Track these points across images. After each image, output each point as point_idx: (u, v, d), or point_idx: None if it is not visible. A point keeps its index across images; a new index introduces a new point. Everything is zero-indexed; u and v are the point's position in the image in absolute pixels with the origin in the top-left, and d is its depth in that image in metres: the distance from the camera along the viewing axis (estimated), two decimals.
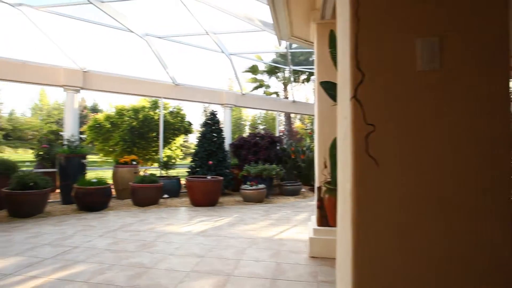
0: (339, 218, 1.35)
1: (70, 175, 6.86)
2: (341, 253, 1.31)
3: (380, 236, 1.09)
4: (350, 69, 1.08)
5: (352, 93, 1.08)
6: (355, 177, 1.07)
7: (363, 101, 1.07)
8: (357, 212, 1.07)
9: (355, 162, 1.07)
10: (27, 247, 4.09)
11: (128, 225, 5.27)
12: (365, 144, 1.06)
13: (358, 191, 1.07)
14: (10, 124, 35.00)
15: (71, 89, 7.93)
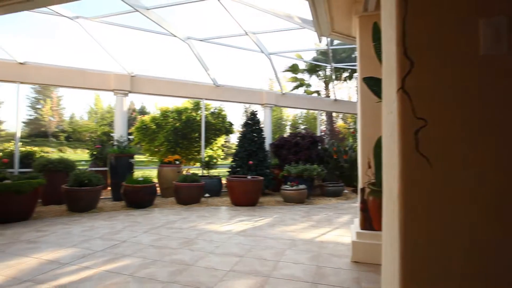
0: (384, 223, 1.23)
1: (119, 174, 7.28)
2: (387, 260, 1.19)
3: (432, 245, 0.96)
4: (396, 57, 0.97)
5: (399, 84, 0.96)
6: (403, 178, 0.95)
7: (412, 93, 0.95)
8: (406, 218, 0.95)
9: (403, 161, 0.95)
10: (82, 239, 4.39)
11: (171, 223, 5.45)
12: (415, 141, 0.94)
13: (407, 194, 0.95)
14: (71, 127, 38.37)
15: (120, 93, 8.44)
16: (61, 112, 39.71)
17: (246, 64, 61.32)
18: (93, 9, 7.44)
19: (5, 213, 5.33)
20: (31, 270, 3.32)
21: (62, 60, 64.44)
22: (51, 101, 37.80)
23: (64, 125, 38.51)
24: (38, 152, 9.20)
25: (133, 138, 11.93)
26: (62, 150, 29.08)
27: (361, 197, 3.63)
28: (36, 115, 38.57)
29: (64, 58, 60.10)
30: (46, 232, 4.78)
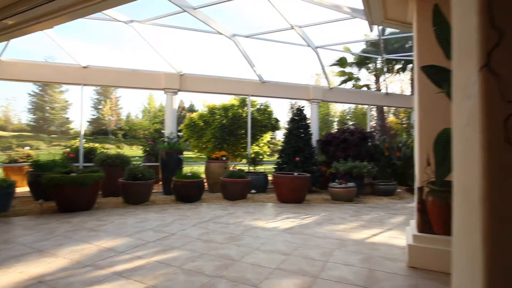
0: (455, 228, 1.06)
1: (169, 169, 7.60)
2: (461, 273, 1.01)
3: None
4: (478, 29, 0.79)
5: (481, 60, 0.79)
6: (487, 177, 0.78)
7: (501, 71, 0.77)
8: (492, 225, 0.78)
9: (487, 156, 0.78)
10: (136, 230, 4.64)
11: (218, 217, 5.54)
12: (504, 130, 0.77)
13: (494, 196, 0.78)
14: (127, 125, 41.31)
15: (170, 92, 8.80)
16: (119, 112, 42.92)
17: (292, 59, 60.59)
18: (145, 13, 7.82)
19: (72, 203, 5.85)
20: (92, 256, 3.57)
21: (119, 63, 69.64)
22: (110, 101, 40.99)
23: (121, 124, 41.58)
24: (99, 148, 9.98)
25: (182, 135, 12.42)
26: (119, 147, 31.42)
27: (418, 197, 3.32)
28: (98, 114, 42.16)
29: (120, 60, 64.98)
30: (105, 222, 5.13)
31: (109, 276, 3.03)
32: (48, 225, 4.95)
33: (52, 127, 40.45)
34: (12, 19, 3.60)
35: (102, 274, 3.07)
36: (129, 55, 61.51)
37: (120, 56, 61.47)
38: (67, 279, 2.97)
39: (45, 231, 4.59)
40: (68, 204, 5.85)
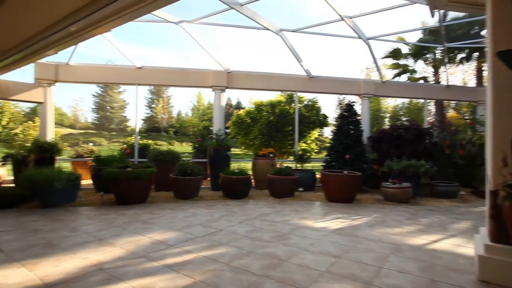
0: None
1: (217, 165, 7.74)
2: None
3: None
4: None
5: None
6: None
7: None
8: None
9: None
10: (185, 225, 4.77)
11: (265, 215, 5.49)
12: None
13: None
14: (178, 122, 43.31)
15: (218, 89, 8.95)
16: (170, 110, 45.19)
17: (341, 53, 58.76)
18: (193, 12, 8.01)
19: (127, 196, 6.22)
20: (145, 248, 3.73)
21: (170, 62, 72.99)
22: (162, 100, 43.30)
23: (173, 121, 43.74)
24: (152, 144, 10.53)
25: (230, 132, 12.62)
26: (171, 143, 33.08)
27: (491, 201, 2.93)
28: (151, 113, 44.85)
29: (171, 60, 68.27)
30: (157, 215, 5.36)
31: (160, 268, 3.12)
32: (107, 216, 5.31)
33: (112, 125, 43.97)
34: (75, 25, 3.87)
35: (154, 266, 3.17)
36: (179, 55, 64.45)
37: (171, 56, 64.71)
38: (123, 268, 3.12)
39: (104, 222, 4.92)
40: (124, 197, 6.23)
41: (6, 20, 3.86)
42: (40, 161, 7.04)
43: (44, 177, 5.64)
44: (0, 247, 3.76)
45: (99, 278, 2.90)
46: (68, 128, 38.48)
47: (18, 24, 4.01)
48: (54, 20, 3.83)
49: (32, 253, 3.55)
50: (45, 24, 3.96)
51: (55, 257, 3.44)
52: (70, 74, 8.44)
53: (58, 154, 7.68)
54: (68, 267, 3.16)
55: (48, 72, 8.17)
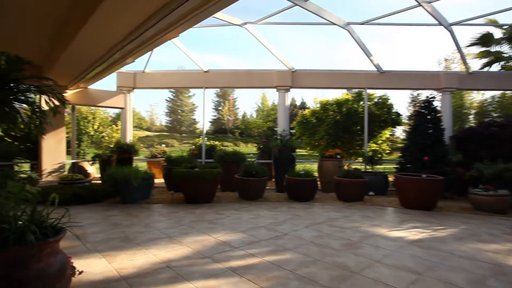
0: None
1: (282, 166, 7.60)
2: None
3: None
4: None
5: None
6: None
7: None
8: None
9: None
10: (250, 227, 4.72)
11: (333, 220, 5.16)
12: None
13: None
14: (243, 124, 44.48)
15: (282, 89, 8.82)
16: (236, 112, 46.68)
17: (414, 44, 53.89)
18: (257, 13, 8.01)
19: (195, 196, 6.45)
20: (210, 248, 3.75)
21: (235, 65, 75.49)
22: (228, 103, 44.94)
23: (238, 123, 45.10)
24: (218, 145, 10.88)
25: (295, 132, 12.39)
26: (236, 144, 34.08)
27: None
28: (218, 115, 46.91)
29: (235, 63, 70.45)
30: (222, 216, 5.43)
31: (224, 271, 3.08)
32: (177, 214, 5.55)
33: (183, 127, 47.14)
34: (147, 33, 4.09)
35: (218, 268, 3.15)
36: (243, 57, 66.28)
37: (236, 59, 66.90)
38: (189, 268, 3.16)
39: (174, 219, 5.14)
40: (192, 196, 6.47)
41: (93, 33, 4.27)
42: (120, 161, 7.75)
43: (123, 176, 6.15)
44: (88, 238, 4.16)
45: (167, 275, 2.97)
46: (145, 131, 42.41)
47: (102, 36, 4.41)
48: (129, 30, 4.11)
49: (112, 246, 3.84)
50: (122, 35, 4.29)
51: (130, 251, 3.65)
52: (146, 81, 9.15)
53: (136, 155, 8.37)
54: (140, 261, 3.32)
55: (127, 80, 8.98)
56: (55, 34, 5.08)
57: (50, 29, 4.89)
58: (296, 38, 64.61)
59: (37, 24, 4.79)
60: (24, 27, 5.00)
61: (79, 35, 4.19)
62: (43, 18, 4.56)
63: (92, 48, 4.67)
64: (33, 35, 5.32)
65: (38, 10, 4.26)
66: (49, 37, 5.28)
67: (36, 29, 5.00)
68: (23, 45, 5.84)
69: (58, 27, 4.79)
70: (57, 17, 4.47)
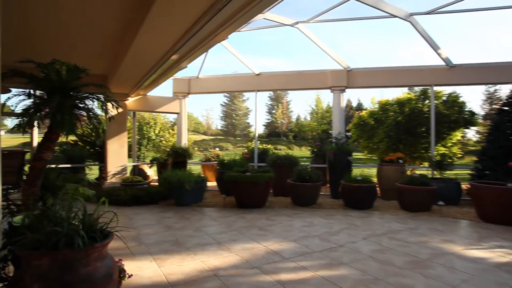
0: None
1: (337, 171, 7.16)
2: None
3: None
4: None
5: None
6: None
7: None
8: None
9: None
10: (302, 235, 4.44)
11: (395, 232, 4.63)
12: None
13: None
14: (297, 127, 43.95)
15: (337, 90, 8.36)
16: (289, 115, 46.34)
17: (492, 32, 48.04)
18: (309, 12, 7.70)
19: (246, 200, 6.35)
20: (259, 258, 3.57)
21: (287, 66, 74.99)
22: (282, 106, 44.81)
23: (292, 126, 44.69)
24: (271, 149, 10.72)
25: (351, 135, 11.72)
26: (290, 148, 33.72)
27: None
28: (271, 118, 47.04)
29: (287, 64, 70.05)
30: (274, 222, 5.22)
31: (273, 284, 2.87)
32: (227, 218, 5.49)
33: (237, 131, 48.17)
34: (199, 34, 4.09)
35: (266, 281, 2.94)
36: (296, 58, 65.69)
37: (288, 60, 66.51)
38: (236, 278, 3.00)
39: (224, 224, 5.08)
40: (244, 200, 6.38)
41: (145, 42, 4.41)
42: (175, 164, 8.01)
43: (177, 179, 6.30)
44: (143, 239, 4.27)
45: (213, 285, 2.85)
46: (202, 135, 44.24)
47: (153, 45, 4.54)
48: (177, 36, 4.17)
49: (163, 249, 3.87)
50: (171, 42, 4.36)
51: (179, 255, 3.63)
52: (200, 86, 9.39)
53: (190, 158, 8.60)
54: (188, 268, 3.26)
55: (182, 86, 9.31)
56: (114, 46, 5.41)
57: (110, 41, 5.21)
58: (351, 36, 61.91)
59: (97, 38, 5.14)
60: (89, 42, 5.41)
61: (133, 45, 4.37)
62: (102, 32, 4.88)
63: (146, 56, 4.85)
64: (97, 47, 5.74)
65: (97, 25, 4.56)
66: (110, 49, 5.64)
67: (98, 42, 5.37)
68: (90, 57, 6.34)
69: (116, 39, 5.07)
70: (114, 30, 4.74)
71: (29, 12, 4.09)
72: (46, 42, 5.28)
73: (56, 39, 5.14)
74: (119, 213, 2.45)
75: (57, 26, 4.63)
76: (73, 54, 5.98)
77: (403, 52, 59.02)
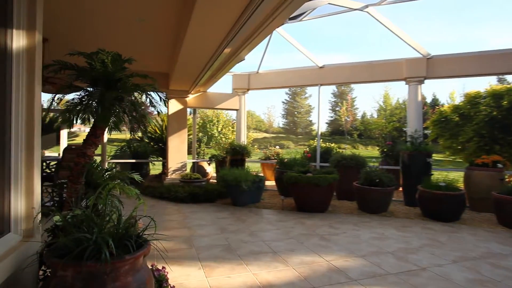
0: None
1: (413, 175, 6.18)
2: None
3: None
4: None
5: None
6: None
7: None
8: None
9: None
10: (371, 250, 3.76)
11: (497, 256, 3.65)
12: None
13: None
14: (362, 125, 41.36)
15: (413, 81, 7.27)
16: (354, 112, 43.85)
17: None
18: None
19: (307, 203, 5.81)
20: (320, 276, 3.03)
21: (353, 58, 70.61)
22: (346, 103, 42.62)
23: (356, 124, 42.24)
24: (334, 148, 9.94)
25: (429, 134, 10.28)
26: (355, 147, 31.79)
27: None
28: (335, 116, 45.07)
29: (354, 55, 66.07)
30: (338, 231, 4.60)
31: None
32: (285, 223, 5.02)
33: (299, 129, 47.25)
34: (251, 20, 3.67)
35: None
36: (362, 50, 61.72)
37: (353, 56, 62.82)
38: None
39: (282, 230, 4.62)
40: (304, 204, 5.84)
41: (197, 35, 4.16)
42: (233, 162, 7.80)
43: (234, 177, 6.03)
44: (195, 241, 4.05)
45: None
46: (263, 133, 44.34)
47: (206, 35, 4.25)
48: (232, 22, 3.80)
49: (214, 254, 3.57)
50: (226, 28, 4.01)
51: (230, 264, 3.29)
52: (260, 81, 9.06)
53: (248, 156, 8.31)
54: (238, 281, 2.89)
55: (242, 81, 9.08)
56: (172, 42, 5.34)
57: (167, 37, 5.16)
58: (435, 17, 54.77)
59: (155, 34, 5.12)
60: (150, 41, 5.47)
61: (186, 37, 4.15)
62: (158, 28, 4.81)
63: (200, 47, 4.62)
64: (158, 46, 5.77)
65: (153, 22, 4.49)
66: (169, 46, 5.61)
67: (156, 39, 5.37)
68: (152, 56, 6.45)
69: (173, 35, 4.98)
70: (169, 25, 4.63)
71: (93, 12, 4.13)
72: (108, 41, 5.41)
73: (116, 36, 5.22)
74: (175, 211, 2.20)
75: (117, 23, 4.65)
76: (135, 53, 6.10)
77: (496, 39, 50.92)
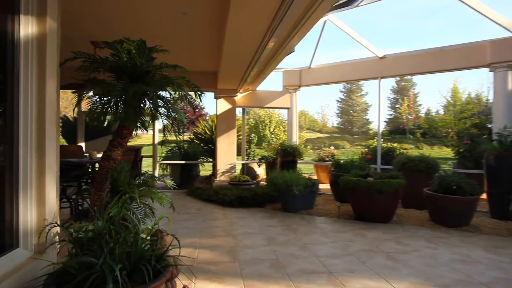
0: None
1: (502, 181, 5.09)
2: None
3: None
4: None
5: None
6: None
7: None
8: None
9: None
10: (456, 278, 2.98)
11: None
12: None
13: None
14: (426, 123, 37.78)
15: (501, 67, 6.03)
16: (417, 109, 40.29)
17: None
18: None
19: (367, 212, 5.09)
20: None
21: (417, 45, 65.28)
22: (408, 99, 39.36)
23: (420, 122, 38.69)
24: (397, 148, 8.88)
25: None
26: (418, 147, 29.04)
27: None
28: (395, 114, 41.88)
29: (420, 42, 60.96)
30: (407, 248, 3.83)
31: None
32: (342, 234, 4.38)
33: (355, 128, 44.88)
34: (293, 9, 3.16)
35: None
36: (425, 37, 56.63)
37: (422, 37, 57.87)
38: None
39: (339, 243, 4.00)
40: (363, 212, 5.12)
41: (237, 28, 3.76)
42: (284, 164, 7.29)
43: (284, 181, 5.54)
44: (238, 254, 3.64)
45: None
46: (317, 133, 42.98)
47: (247, 28, 3.82)
48: (275, 8, 3.30)
49: (259, 271, 3.12)
50: (269, 15, 3.51)
51: (277, 285, 2.80)
52: (312, 77, 8.43)
53: (300, 158, 7.73)
54: None
55: (293, 78, 8.53)
56: (216, 37, 5.08)
57: (213, 32, 4.91)
58: None
59: (201, 32, 4.92)
60: (194, 38, 5.30)
61: (228, 28, 3.76)
62: (203, 24, 4.59)
63: (243, 39, 4.20)
64: (203, 43, 5.57)
65: (197, 17, 4.27)
66: (213, 42, 5.37)
67: (202, 37, 5.18)
68: (199, 54, 6.28)
69: (215, 29, 4.73)
70: (212, 19, 4.37)
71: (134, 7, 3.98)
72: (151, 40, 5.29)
73: (159, 35, 5.07)
74: (222, 216, 1.84)
75: (159, 19, 4.47)
76: (181, 52, 5.97)
77: None
